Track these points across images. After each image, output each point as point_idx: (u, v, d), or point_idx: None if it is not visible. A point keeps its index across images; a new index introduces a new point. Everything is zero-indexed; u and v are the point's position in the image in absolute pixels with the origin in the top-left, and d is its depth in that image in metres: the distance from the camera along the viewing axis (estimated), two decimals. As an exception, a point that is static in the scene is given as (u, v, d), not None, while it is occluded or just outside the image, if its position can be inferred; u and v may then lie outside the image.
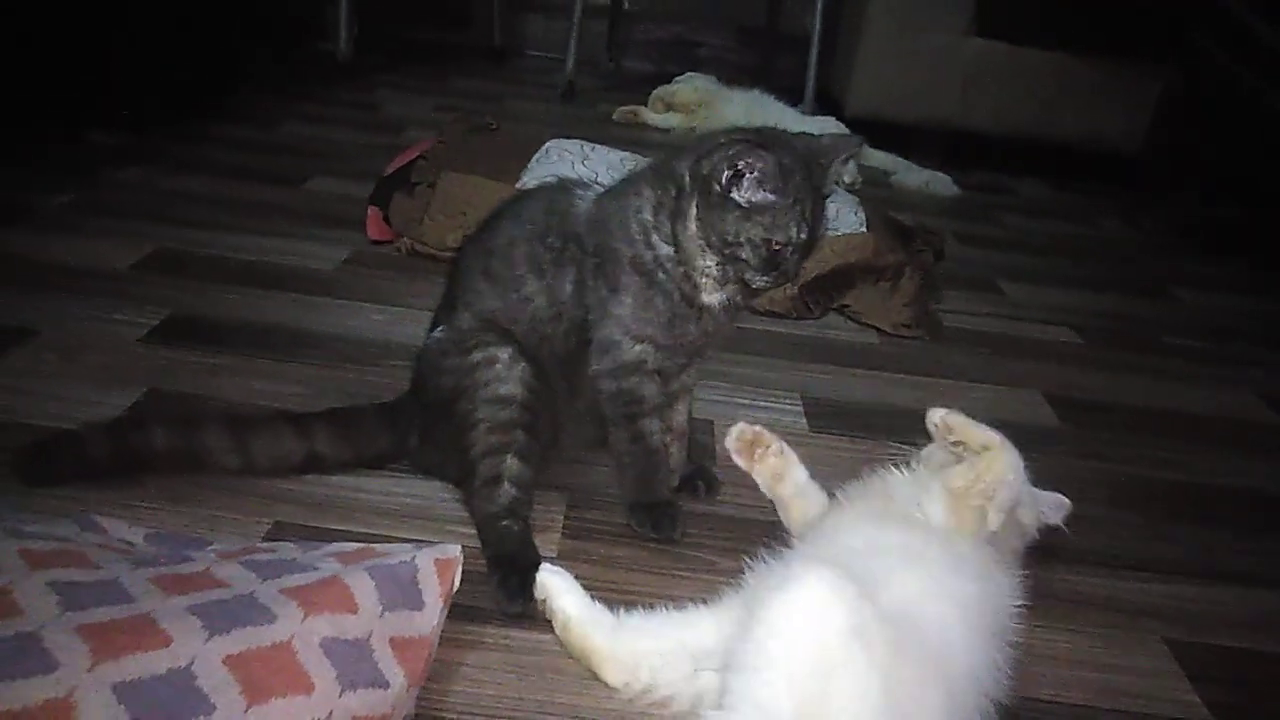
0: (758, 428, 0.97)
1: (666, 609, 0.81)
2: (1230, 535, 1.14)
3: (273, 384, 1.19)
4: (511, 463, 0.95)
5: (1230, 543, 1.13)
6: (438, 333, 1.02)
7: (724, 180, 0.88)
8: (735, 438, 0.97)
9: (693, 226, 0.91)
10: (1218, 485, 1.26)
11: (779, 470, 0.96)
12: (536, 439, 0.97)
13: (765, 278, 0.91)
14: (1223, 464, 1.31)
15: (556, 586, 0.84)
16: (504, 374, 0.96)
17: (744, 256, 0.90)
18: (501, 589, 0.87)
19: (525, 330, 0.98)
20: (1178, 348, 1.71)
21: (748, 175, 0.88)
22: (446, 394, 0.98)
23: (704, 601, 0.81)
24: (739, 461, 0.97)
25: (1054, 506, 0.96)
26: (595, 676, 0.79)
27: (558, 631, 0.82)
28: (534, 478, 0.97)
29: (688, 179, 0.92)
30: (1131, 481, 1.24)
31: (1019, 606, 0.80)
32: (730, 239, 0.89)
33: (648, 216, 0.94)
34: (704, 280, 0.93)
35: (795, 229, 0.89)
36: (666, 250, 0.93)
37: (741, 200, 0.88)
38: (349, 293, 1.47)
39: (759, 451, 0.96)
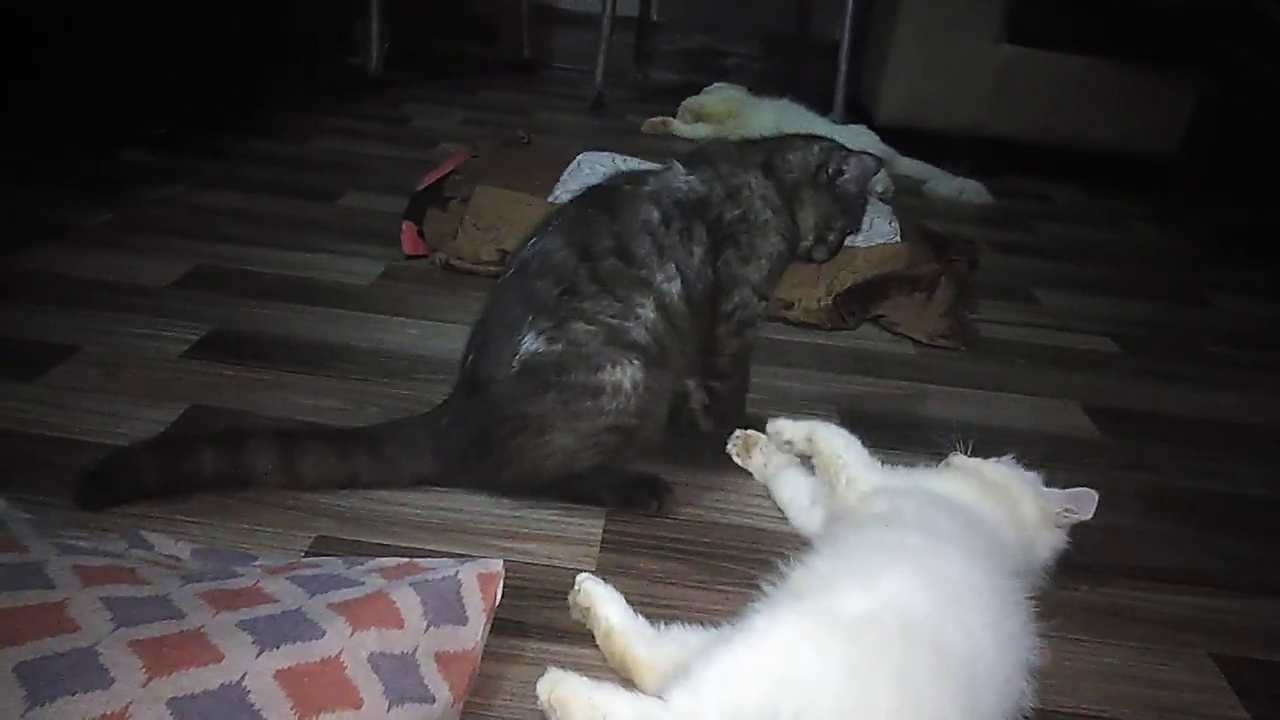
0: (750, 432, 1.14)
1: (705, 623, 0.81)
2: (1276, 547, 1.13)
3: (311, 398, 1.20)
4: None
5: (1276, 555, 1.11)
6: (538, 344, 0.97)
7: (830, 173, 1.10)
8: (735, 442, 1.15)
9: (808, 208, 1.10)
10: (1262, 496, 1.24)
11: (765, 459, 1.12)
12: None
13: (825, 254, 1.15)
14: (1266, 474, 1.29)
15: (600, 595, 0.84)
16: (627, 403, 0.98)
17: (829, 237, 1.12)
18: (652, 499, 1.04)
19: (652, 326, 0.99)
20: (1218, 355, 1.69)
21: (848, 173, 1.10)
22: (550, 409, 0.97)
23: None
24: (739, 460, 1.14)
25: (1079, 500, 0.95)
26: (634, 686, 0.79)
27: (599, 640, 0.83)
28: None
29: (800, 170, 1.10)
30: (1172, 493, 1.22)
31: (1034, 611, 0.80)
32: (827, 222, 1.11)
33: (774, 196, 1.09)
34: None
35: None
36: (791, 224, 1.11)
37: (839, 192, 1.10)
38: (385, 307, 1.48)
39: (752, 450, 1.13)
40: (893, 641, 0.70)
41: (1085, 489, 0.95)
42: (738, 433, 1.15)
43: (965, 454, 0.99)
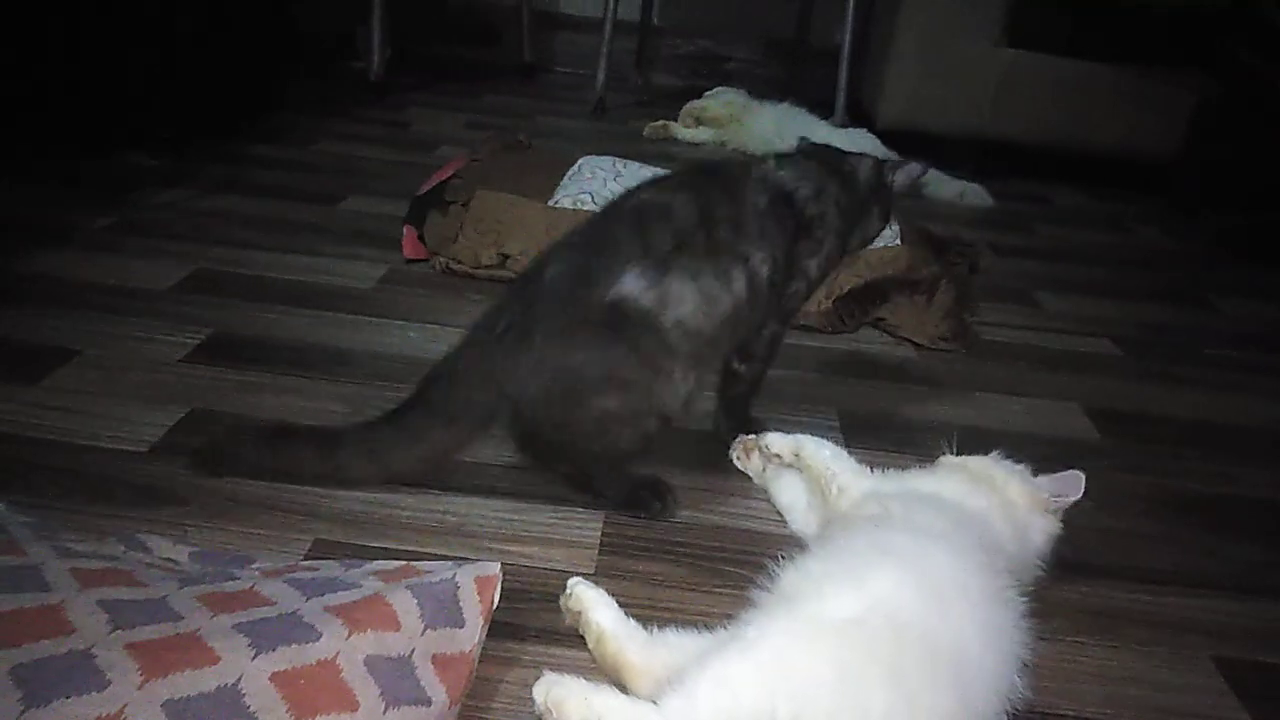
0: (750, 436, 1.13)
1: (703, 627, 0.81)
2: (1278, 550, 1.12)
3: (312, 401, 1.20)
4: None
5: (1278, 558, 1.11)
6: (636, 287, 0.95)
7: (888, 183, 1.17)
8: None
9: (871, 219, 1.18)
10: (1264, 498, 1.24)
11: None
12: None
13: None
14: (1268, 477, 1.28)
15: (592, 600, 0.84)
16: (678, 389, 1.00)
17: (869, 244, 1.24)
18: (655, 502, 1.04)
19: (734, 306, 1.01)
20: (1220, 358, 1.68)
21: (899, 181, 1.17)
22: (614, 363, 0.96)
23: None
24: (739, 464, 1.14)
25: (1067, 483, 0.95)
26: (626, 691, 0.79)
27: (591, 645, 0.82)
28: None
29: (866, 184, 1.16)
30: (1174, 495, 1.22)
31: (1030, 608, 0.80)
32: (876, 232, 1.20)
33: (847, 204, 1.13)
34: None
35: None
36: (848, 231, 1.16)
37: (891, 200, 1.18)
38: (386, 311, 1.48)
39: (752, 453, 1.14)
40: (883, 642, 0.70)
41: (1072, 471, 0.95)
42: (740, 437, 1.15)
43: (952, 454, 1.00)
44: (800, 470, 1.04)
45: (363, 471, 1.02)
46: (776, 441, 1.07)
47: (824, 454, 1.02)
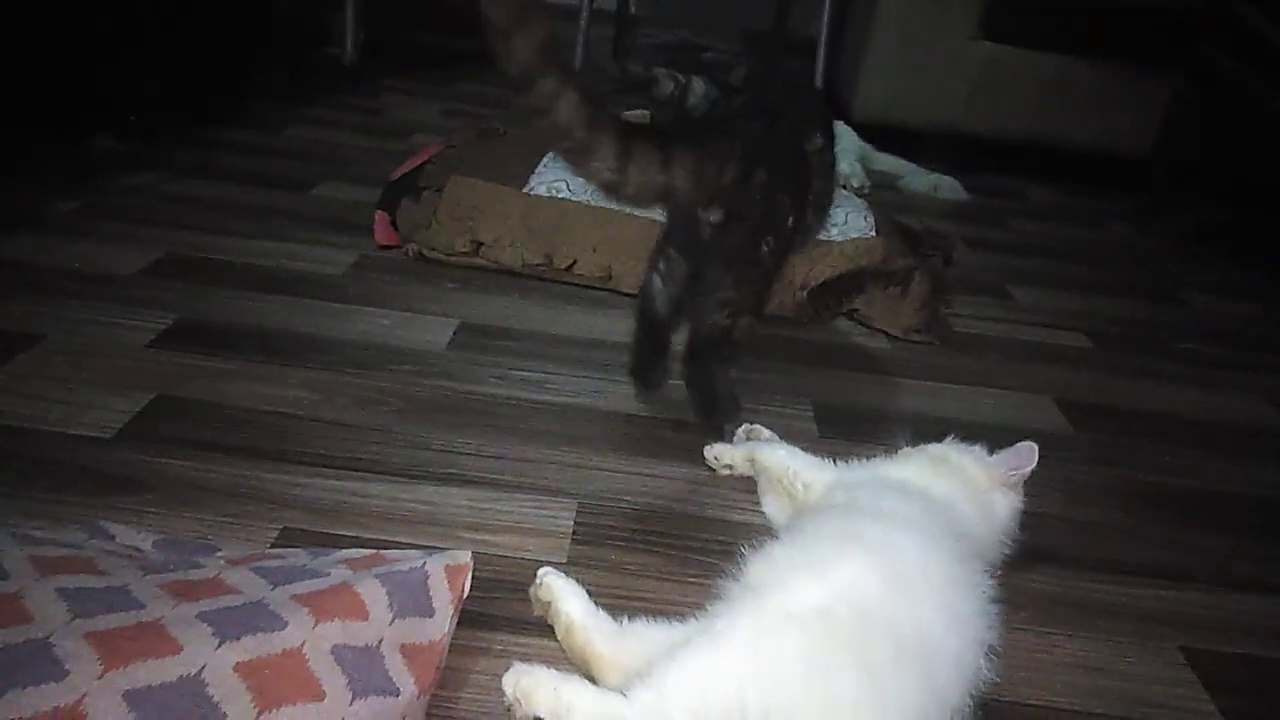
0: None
1: (674, 617, 0.81)
2: (1246, 542, 1.13)
3: (281, 388, 1.19)
4: None
5: (1246, 550, 1.12)
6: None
7: None
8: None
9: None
10: (1232, 492, 1.25)
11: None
12: None
13: None
14: (1236, 470, 1.30)
15: (561, 590, 0.83)
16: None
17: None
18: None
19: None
20: (1190, 353, 1.70)
21: None
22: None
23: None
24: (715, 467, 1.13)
25: (1020, 454, 0.96)
26: (596, 682, 0.78)
27: (559, 635, 0.82)
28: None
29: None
30: (1144, 487, 1.23)
31: (997, 594, 0.80)
32: None
33: None
34: None
35: None
36: None
37: None
38: (357, 297, 1.46)
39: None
40: (850, 630, 0.71)
41: (1025, 442, 0.96)
42: (708, 445, 1.13)
43: (909, 445, 1.00)
44: (759, 475, 1.05)
45: None
46: (727, 453, 1.10)
47: (779, 454, 1.03)
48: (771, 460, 1.03)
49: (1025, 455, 0.95)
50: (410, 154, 1.87)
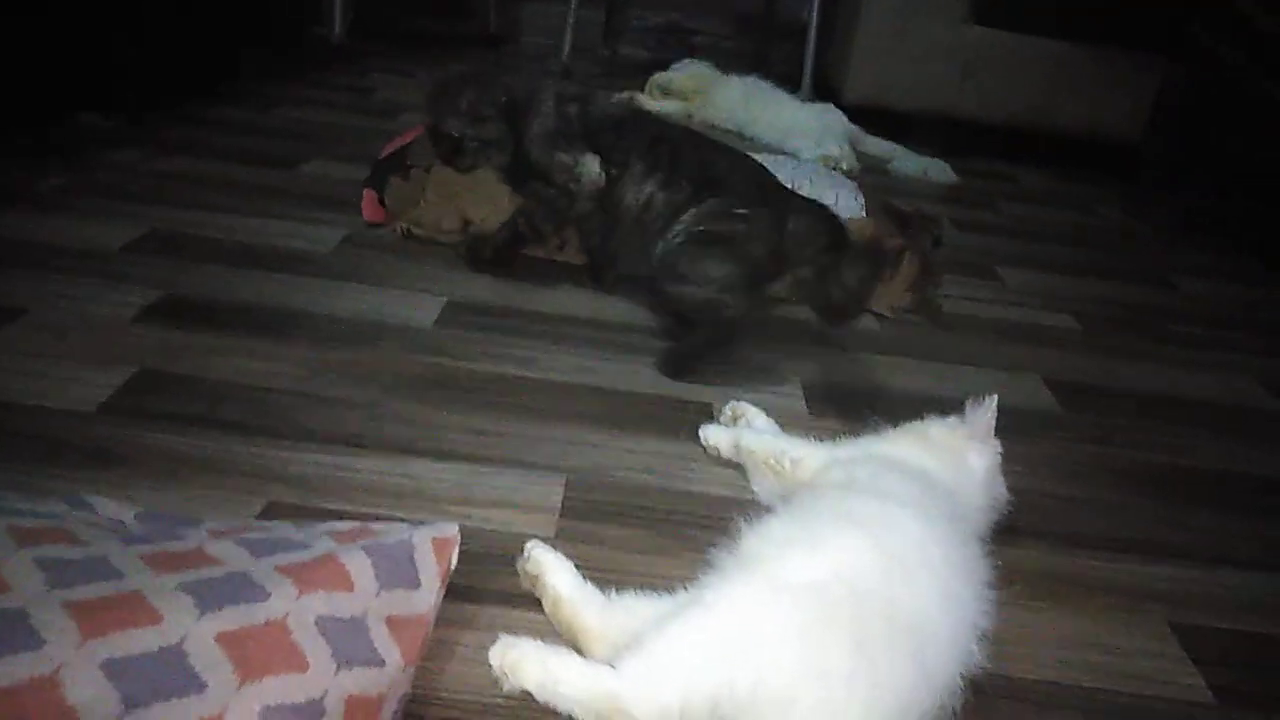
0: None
1: (663, 590, 0.80)
2: (1233, 520, 1.14)
3: (266, 364, 1.17)
4: None
5: (1234, 527, 1.12)
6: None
7: None
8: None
9: None
10: (1220, 470, 1.25)
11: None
12: None
13: None
14: (1224, 449, 1.30)
15: (549, 563, 0.83)
16: None
17: None
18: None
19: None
20: (1178, 335, 1.70)
21: None
22: None
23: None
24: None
25: (979, 408, 0.97)
26: (584, 655, 0.78)
27: (547, 608, 0.81)
28: None
29: None
30: (1133, 466, 1.23)
31: (991, 576, 0.80)
32: None
33: None
34: None
35: None
36: None
37: None
38: (344, 274, 1.45)
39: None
40: (844, 607, 0.70)
41: (984, 401, 0.98)
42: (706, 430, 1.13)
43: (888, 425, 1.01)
44: (745, 460, 1.05)
45: None
46: (714, 435, 1.09)
47: (765, 438, 1.03)
48: (758, 444, 1.03)
49: (984, 406, 0.96)
50: (398, 134, 1.85)
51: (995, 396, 0.97)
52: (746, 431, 1.07)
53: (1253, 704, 0.85)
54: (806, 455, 0.97)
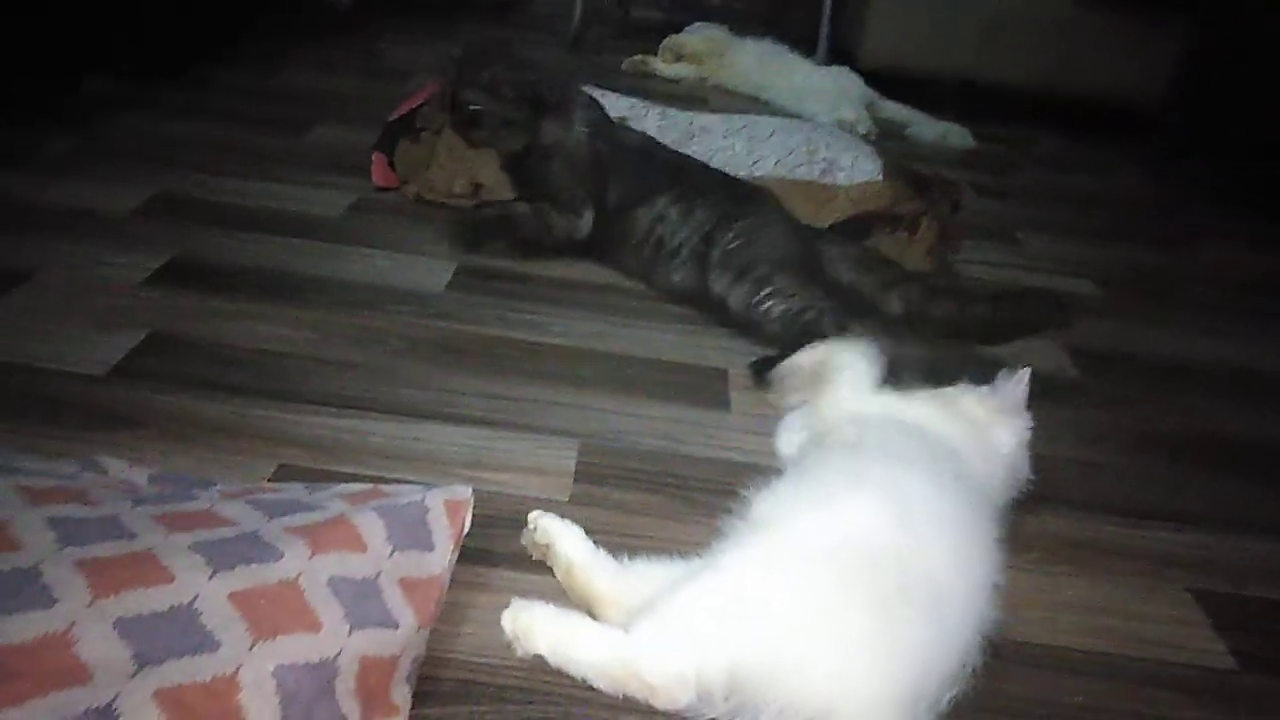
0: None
1: (677, 555, 0.79)
2: (1254, 486, 1.12)
3: (276, 328, 1.16)
4: None
5: (1255, 493, 1.10)
6: None
7: None
8: None
9: None
10: (1240, 436, 1.23)
11: None
12: None
13: None
14: (1245, 415, 1.28)
15: (558, 531, 0.81)
16: None
17: None
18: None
19: None
20: (1199, 301, 1.67)
21: None
22: None
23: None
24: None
25: (1013, 380, 0.94)
26: (597, 619, 0.77)
27: (560, 577, 0.80)
28: None
29: None
30: (1153, 432, 1.21)
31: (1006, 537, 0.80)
32: None
33: None
34: None
35: None
36: None
37: None
38: (354, 238, 1.44)
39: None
40: (858, 568, 0.69)
41: (1017, 372, 0.95)
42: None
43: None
44: (814, 372, 0.99)
45: None
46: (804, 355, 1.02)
47: (845, 357, 0.98)
48: (838, 360, 0.98)
49: (1016, 378, 0.94)
50: (407, 97, 1.83)
51: (1029, 370, 0.94)
52: (842, 348, 1.01)
53: (1276, 670, 0.84)
54: (845, 400, 0.94)
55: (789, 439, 1.00)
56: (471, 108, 1.35)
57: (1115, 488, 1.08)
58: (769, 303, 1.24)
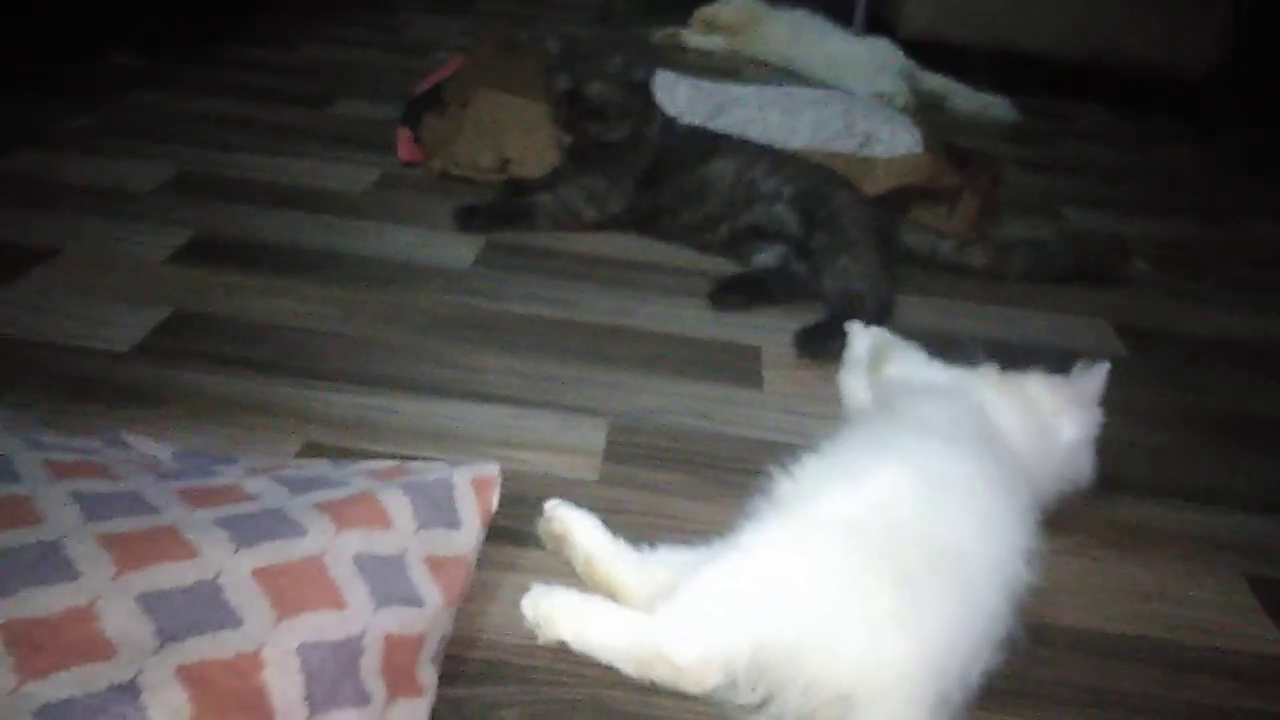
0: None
1: (705, 535, 0.77)
2: (1313, 469, 1.08)
3: (301, 304, 1.15)
4: None
5: (1314, 477, 1.06)
6: None
7: None
8: None
9: None
10: (1294, 417, 1.19)
11: None
12: None
13: None
14: (1299, 396, 1.23)
15: (575, 521, 0.78)
16: None
17: None
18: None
19: None
20: (1247, 277, 1.62)
21: None
22: None
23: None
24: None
25: (1088, 374, 0.90)
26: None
27: (579, 568, 0.77)
28: None
29: None
30: (1204, 412, 1.17)
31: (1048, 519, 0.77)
32: None
33: None
34: None
35: None
36: None
37: None
38: (378, 214, 1.42)
39: None
40: (881, 541, 0.67)
41: (1094, 368, 0.91)
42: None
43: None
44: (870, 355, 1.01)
45: None
46: (860, 336, 1.04)
47: (897, 343, 1.01)
48: (883, 340, 1.01)
49: (1094, 371, 0.90)
50: (431, 70, 1.81)
51: (1107, 365, 0.90)
52: (893, 339, 1.02)
53: (1336, 659, 0.81)
54: (894, 366, 0.95)
55: (856, 386, 0.97)
56: (594, 99, 1.32)
57: (1165, 469, 1.04)
58: (853, 282, 1.25)
